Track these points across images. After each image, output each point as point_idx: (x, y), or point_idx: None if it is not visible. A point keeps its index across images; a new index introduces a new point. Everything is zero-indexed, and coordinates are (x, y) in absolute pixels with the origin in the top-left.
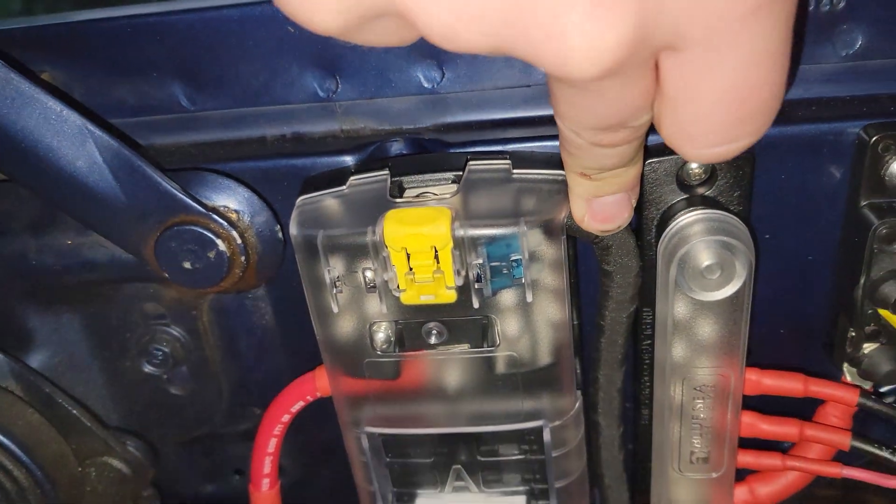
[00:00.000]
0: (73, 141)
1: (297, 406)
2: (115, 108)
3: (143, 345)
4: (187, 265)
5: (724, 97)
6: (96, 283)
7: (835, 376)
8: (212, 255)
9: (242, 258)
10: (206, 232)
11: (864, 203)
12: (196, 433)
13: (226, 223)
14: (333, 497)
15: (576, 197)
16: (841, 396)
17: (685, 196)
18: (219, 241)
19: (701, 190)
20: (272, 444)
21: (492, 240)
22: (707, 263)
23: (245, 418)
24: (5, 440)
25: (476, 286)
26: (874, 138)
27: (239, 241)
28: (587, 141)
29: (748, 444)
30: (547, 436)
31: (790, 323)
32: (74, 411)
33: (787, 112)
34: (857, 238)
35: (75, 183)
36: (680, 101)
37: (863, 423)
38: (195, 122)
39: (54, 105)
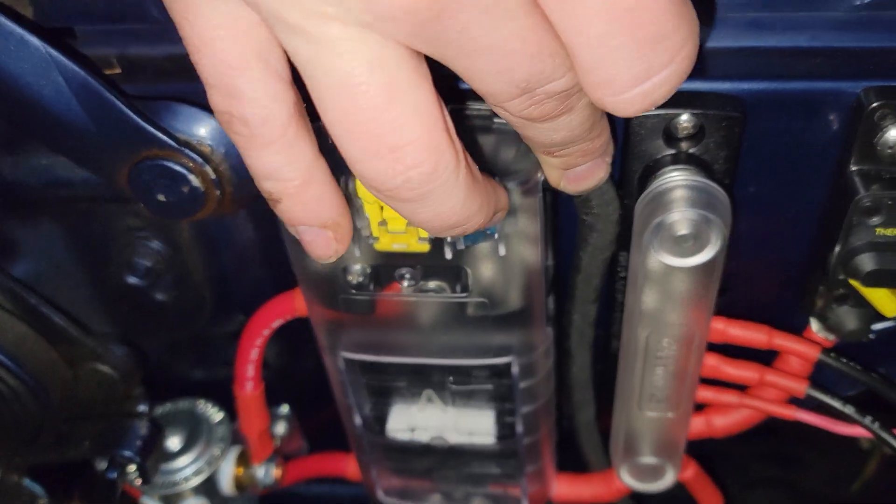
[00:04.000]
0: (37, 69)
1: (277, 323)
2: (82, 15)
3: (126, 257)
4: (162, 198)
5: (609, 15)
6: (74, 200)
7: (802, 323)
8: (185, 189)
9: (217, 192)
10: (178, 167)
11: (853, 168)
12: (181, 336)
13: (199, 157)
14: (315, 386)
15: (548, 168)
16: (803, 352)
17: (671, 152)
18: (192, 177)
19: (686, 146)
20: (254, 354)
21: None
22: (682, 233)
23: (230, 323)
24: None
25: (449, 239)
26: (873, 104)
27: (213, 175)
28: (515, 115)
29: (711, 381)
30: (515, 369)
31: (766, 269)
32: (61, 321)
33: (789, 64)
34: (841, 203)
35: (42, 112)
36: (570, 35)
37: (822, 369)
38: (167, 34)
39: (15, 30)
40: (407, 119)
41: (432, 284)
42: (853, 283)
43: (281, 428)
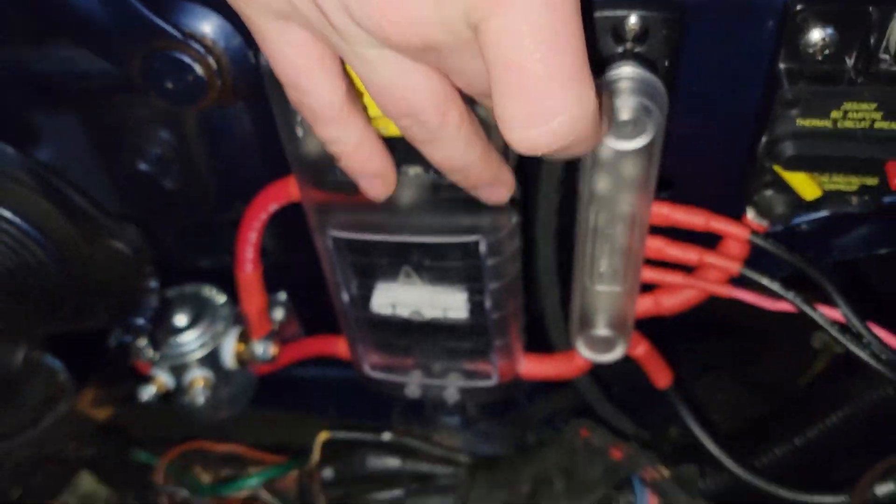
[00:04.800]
0: None
1: (273, 207)
2: None
3: (138, 145)
4: (170, 85)
5: (502, 64)
6: (92, 90)
7: (741, 212)
8: (190, 78)
9: (218, 81)
10: (184, 57)
11: (780, 66)
12: (188, 221)
13: (202, 49)
14: (309, 275)
15: None
16: (734, 233)
17: (619, 49)
18: (196, 66)
19: (633, 45)
20: (252, 237)
21: None
22: (623, 119)
23: (232, 210)
24: (24, 224)
25: None
26: (797, 8)
27: (214, 66)
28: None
29: (659, 264)
30: (483, 248)
31: (709, 164)
32: (80, 201)
33: None
34: (769, 97)
35: (66, 7)
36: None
37: (759, 255)
38: None
39: None
40: (422, 99)
41: (411, 170)
42: (777, 168)
43: (279, 313)
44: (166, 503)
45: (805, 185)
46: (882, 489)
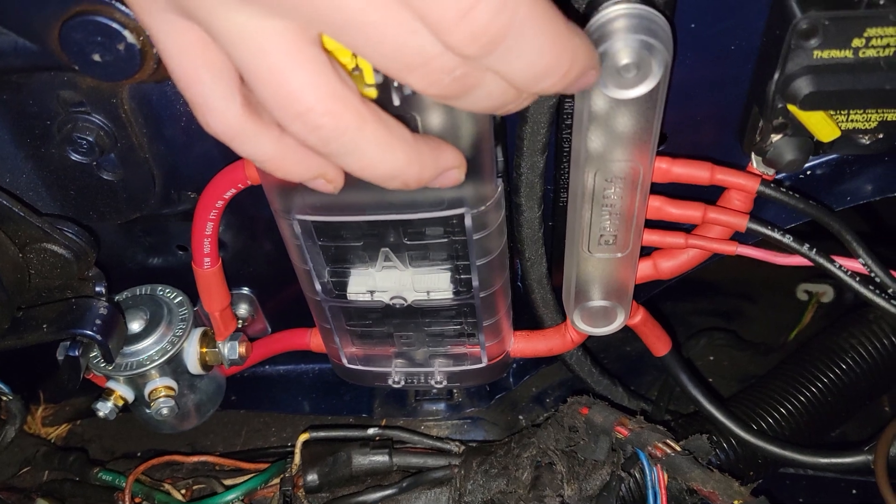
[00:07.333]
0: None
1: (230, 193)
2: None
3: (66, 133)
4: (97, 58)
5: None
6: (5, 71)
7: (742, 162)
8: (121, 47)
9: (154, 49)
10: (111, 23)
11: None
12: (133, 216)
13: (132, 13)
14: (274, 266)
15: None
16: (743, 185)
17: None
18: (126, 33)
19: None
20: (209, 228)
21: None
22: (625, 62)
23: (181, 201)
24: None
25: (395, 84)
26: None
27: None
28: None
29: (656, 224)
30: (468, 221)
31: (707, 110)
32: (5, 202)
33: None
34: (779, 30)
35: None
36: None
37: (762, 206)
38: None
39: None
40: (302, 91)
41: None
42: (791, 108)
43: (243, 309)
44: None
45: (822, 125)
46: None
